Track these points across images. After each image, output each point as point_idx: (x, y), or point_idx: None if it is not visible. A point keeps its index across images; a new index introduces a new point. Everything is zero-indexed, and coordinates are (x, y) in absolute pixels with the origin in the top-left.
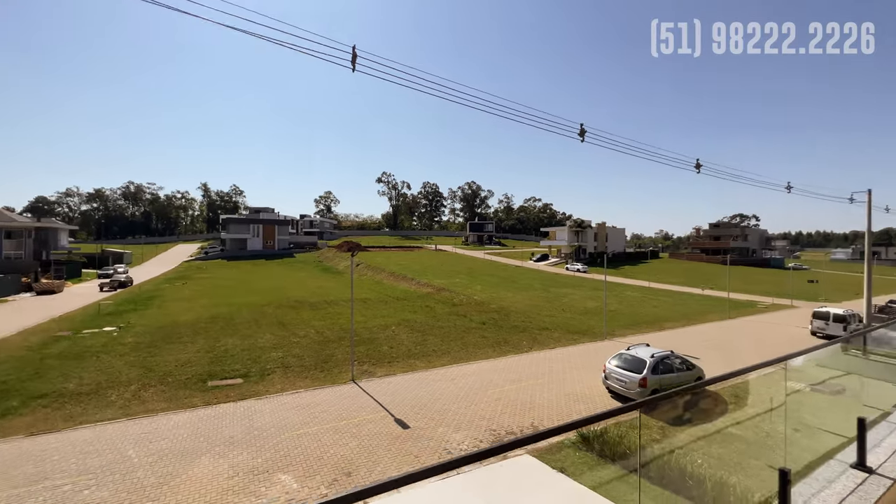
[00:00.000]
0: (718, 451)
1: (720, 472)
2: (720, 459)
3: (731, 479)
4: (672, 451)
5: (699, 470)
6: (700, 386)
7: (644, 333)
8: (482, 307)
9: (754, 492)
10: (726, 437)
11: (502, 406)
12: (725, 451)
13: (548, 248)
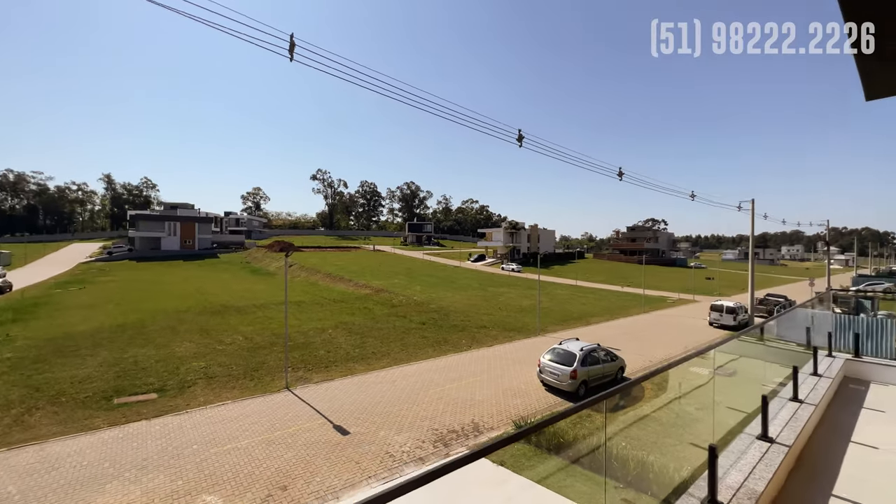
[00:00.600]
0: (638, 433)
1: (641, 452)
2: (640, 440)
3: (649, 458)
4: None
5: (623, 452)
6: (643, 380)
7: (573, 328)
8: (422, 307)
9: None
10: (644, 421)
11: (444, 405)
12: (644, 433)
13: (485, 248)
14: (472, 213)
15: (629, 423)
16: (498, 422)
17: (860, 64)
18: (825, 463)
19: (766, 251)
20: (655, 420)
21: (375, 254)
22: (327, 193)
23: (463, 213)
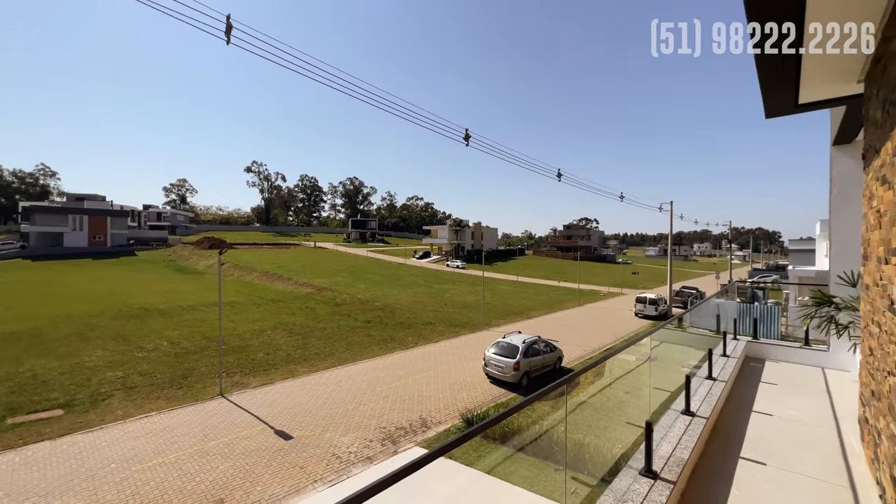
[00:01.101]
0: (575, 418)
1: (578, 435)
2: (577, 425)
3: (586, 440)
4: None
5: (562, 437)
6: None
7: (515, 322)
8: (367, 305)
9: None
10: (581, 407)
11: (391, 403)
12: (580, 417)
13: (430, 245)
14: (417, 211)
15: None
16: (446, 416)
17: (762, 88)
18: (733, 430)
19: (682, 248)
20: (590, 405)
21: (317, 251)
22: (263, 187)
23: (408, 210)
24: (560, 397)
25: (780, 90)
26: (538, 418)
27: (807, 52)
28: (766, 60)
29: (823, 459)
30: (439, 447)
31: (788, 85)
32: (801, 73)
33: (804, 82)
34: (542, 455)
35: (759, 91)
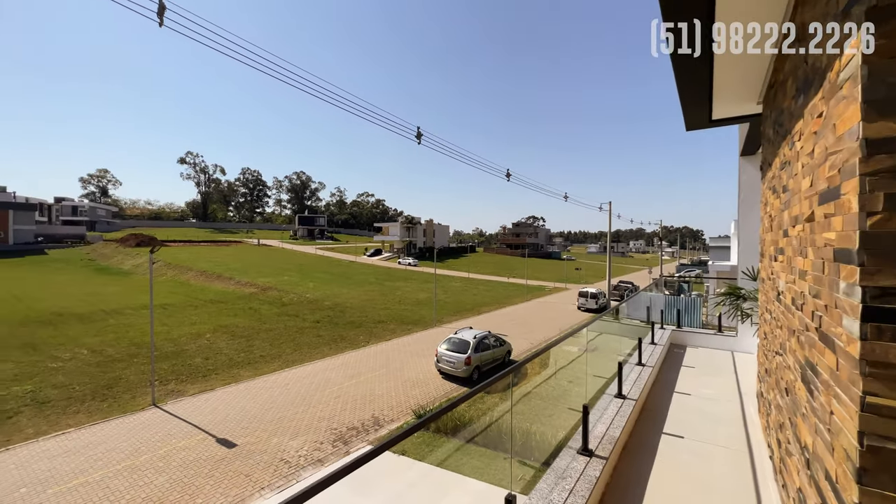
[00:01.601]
0: (523, 408)
1: (525, 424)
2: (524, 415)
3: (532, 428)
4: (493, 415)
5: (510, 426)
6: (526, 362)
7: (467, 318)
8: (316, 305)
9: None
10: (528, 397)
11: (342, 403)
12: (527, 407)
13: (381, 243)
14: (367, 207)
15: (516, 400)
16: (398, 413)
17: (682, 104)
18: (659, 409)
19: (619, 245)
20: (537, 395)
21: (261, 248)
22: (200, 180)
23: (358, 206)
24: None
25: (697, 106)
26: (487, 409)
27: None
28: (683, 79)
29: (730, 430)
30: (385, 442)
31: (703, 102)
32: (713, 91)
33: (716, 101)
34: (492, 445)
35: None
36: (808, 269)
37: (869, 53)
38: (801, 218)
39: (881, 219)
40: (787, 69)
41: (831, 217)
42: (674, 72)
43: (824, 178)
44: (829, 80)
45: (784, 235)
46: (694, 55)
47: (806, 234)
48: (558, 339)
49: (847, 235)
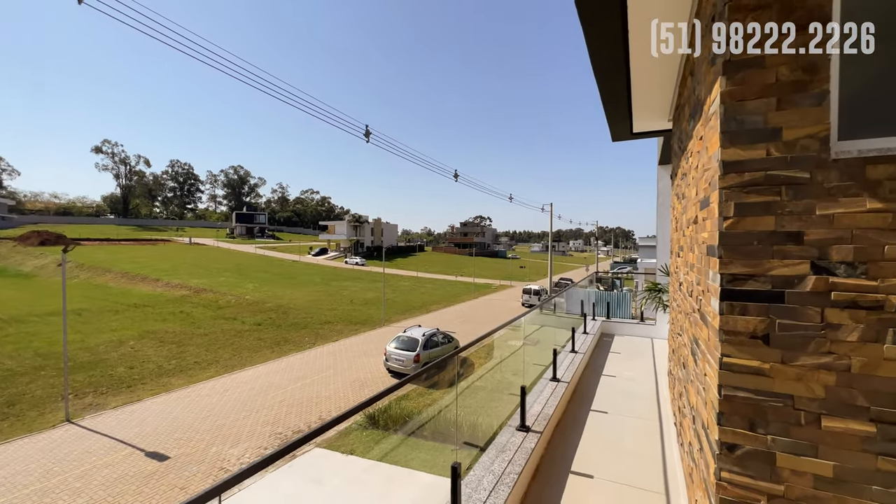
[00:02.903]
0: (469, 401)
1: (472, 416)
2: (470, 407)
3: (478, 420)
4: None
5: (458, 419)
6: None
7: (416, 317)
8: (256, 307)
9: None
10: (473, 390)
11: (287, 407)
12: (473, 400)
13: (327, 242)
14: (312, 205)
15: (461, 392)
16: None
17: (608, 118)
18: (588, 390)
19: (560, 244)
20: (482, 388)
21: (193, 248)
22: (119, 172)
23: (302, 204)
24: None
25: (620, 120)
26: (433, 403)
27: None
28: (608, 95)
29: (646, 405)
30: (313, 430)
31: (625, 117)
32: (632, 109)
33: (635, 117)
34: (441, 438)
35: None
36: (694, 262)
37: (725, 95)
38: (691, 220)
39: (732, 222)
40: (686, 96)
41: (706, 220)
42: (599, 93)
43: (703, 189)
44: (705, 112)
45: (683, 235)
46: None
47: (694, 234)
48: (497, 328)
49: (713, 235)
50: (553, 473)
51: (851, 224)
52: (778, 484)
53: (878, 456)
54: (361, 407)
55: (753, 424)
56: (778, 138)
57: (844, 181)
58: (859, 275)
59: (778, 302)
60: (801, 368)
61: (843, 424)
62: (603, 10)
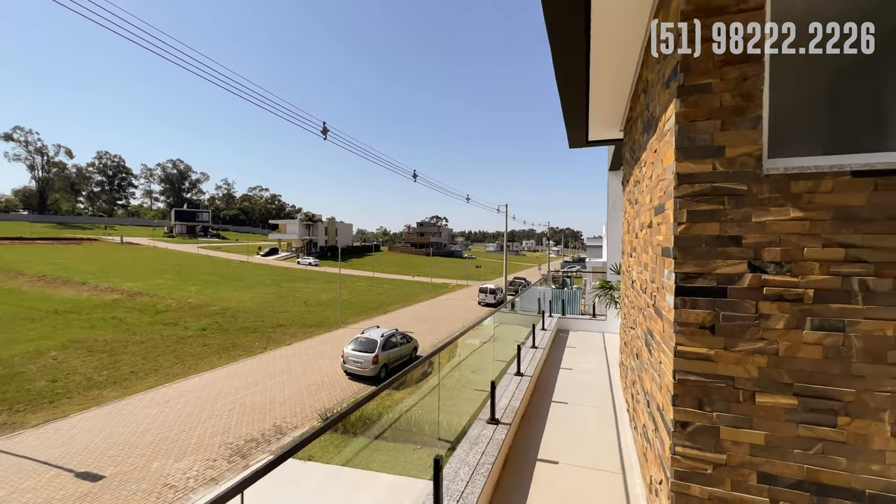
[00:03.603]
0: (431, 401)
1: (433, 414)
2: (432, 406)
3: (440, 417)
4: (400, 409)
5: (419, 419)
6: (428, 357)
7: (373, 318)
8: (201, 311)
9: (454, 421)
10: (435, 389)
11: (238, 415)
12: (434, 399)
13: (277, 241)
14: (261, 203)
15: (424, 394)
16: (303, 419)
17: (566, 126)
18: (548, 383)
19: (514, 244)
20: (444, 387)
21: (125, 248)
22: (35, 163)
23: (250, 201)
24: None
25: (577, 129)
26: (394, 405)
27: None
28: (568, 105)
29: (600, 395)
30: (286, 450)
31: (581, 126)
32: (589, 119)
33: (591, 126)
34: (401, 438)
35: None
36: (648, 262)
37: (680, 115)
38: (645, 224)
39: (685, 227)
40: (638, 111)
41: (660, 225)
42: (561, 104)
43: (657, 196)
44: (660, 129)
45: (636, 237)
46: (578, 89)
47: (648, 237)
48: (462, 332)
49: (668, 238)
50: (521, 462)
51: (779, 230)
52: (721, 454)
53: (798, 424)
54: (341, 417)
55: (702, 403)
56: (722, 155)
57: (773, 193)
58: (785, 272)
59: (722, 297)
60: (740, 353)
61: (772, 399)
62: (569, 28)
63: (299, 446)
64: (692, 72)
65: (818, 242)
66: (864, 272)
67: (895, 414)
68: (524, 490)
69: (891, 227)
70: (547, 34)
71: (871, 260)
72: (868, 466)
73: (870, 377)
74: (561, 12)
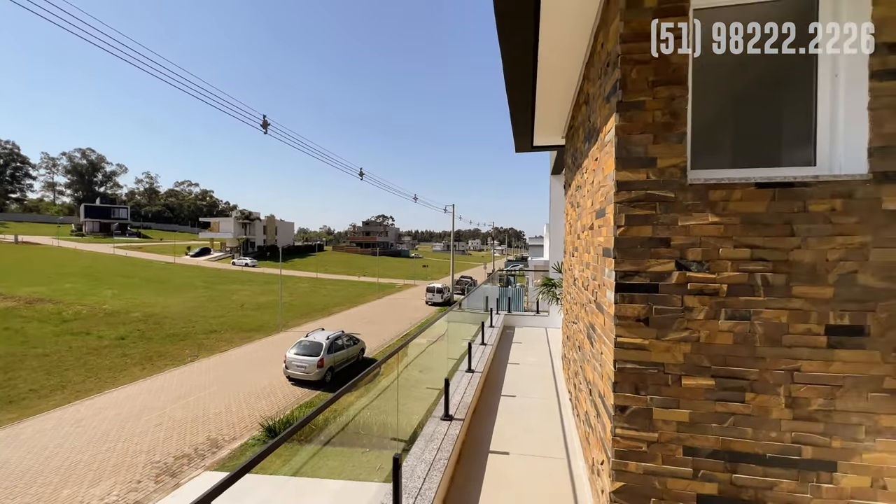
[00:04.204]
0: (379, 403)
1: (382, 416)
2: (380, 409)
3: (389, 419)
4: (348, 414)
5: (368, 421)
6: (383, 361)
7: (317, 320)
8: (118, 318)
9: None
10: (385, 392)
11: (166, 431)
12: (381, 401)
13: (210, 241)
14: (190, 199)
15: (373, 396)
16: (241, 430)
17: (514, 132)
18: (497, 378)
19: (460, 244)
20: (394, 388)
21: (21, 247)
22: None
23: (177, 197)
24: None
25: (523, 135)
26: (343, 409)
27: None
28: (516, 109)
29: (545, 386)
30: (242, 465)
31: (528, 132)
32: (535, 126)
33: (536, 132)
34: (350, 443)
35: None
36: (590, 261)
37: (619, 129)
38: (587, 226)
39: (623, 230)
40: (580, 120)
41: (602, 227)
42: (510, 112)
43: (598, 201)
44: (601, 139)
45: (577, 238)
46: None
47: (589, 238)
48: (419, 331)
49: (609, 239)
50: (475, 455)
51: (700, 233)
52: (654, 432)
53: (715, 402)
54: (306, 421)
55: (638, 388)
56: (654, 165)
57: (696, 201)
58: (705, 270)
59: (654, 292)
60: (669, 342)
61: (694, 381)
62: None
63: (259, 458)
64: (629, 90)
65: (730, 244)
66: (765, 269)
67: (789, 388)
68: (479, 481)
69: (785, 230)
70: (500, 49)
71: (769, 258)
72: (768, 434)
73: (769, 358)
74: (512, 34)
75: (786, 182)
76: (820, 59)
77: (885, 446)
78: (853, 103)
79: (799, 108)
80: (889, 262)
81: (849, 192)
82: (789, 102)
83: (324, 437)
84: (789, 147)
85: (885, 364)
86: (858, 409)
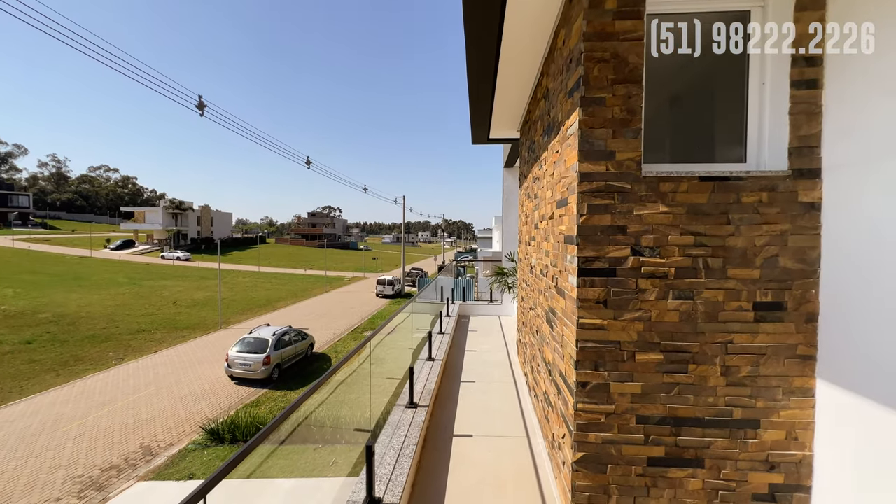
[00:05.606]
0: (331, 398)
1: (334, 411)
2: (331, 403)
3: (342, 413)
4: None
5: (320, 417)
6: (342, 364)
7: (261, 316)
8: (23, 320)
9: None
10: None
11: (89, 441)
12: (335, 396)
13: (134, 232)
14: (108, 186)
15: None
16: (180, 434)
17: (472, 124)
18: (456, 365)
19: (410, 235)
20: (345, 384)
21: None
22: None
23: (92, 183)
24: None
25: (481, 126)
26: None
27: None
28: (476, 100)
29: (501, 371)
30: (219, 470)
31: (485, 123)
32: (492, 118)
33: (493, 124)
34: (300, 440)
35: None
36: (550, 249)
37: (582, 123)
38: (546, 216)
39: (586, 218)
40: (537, 115)
41: (563, 216)
42: (470, 102)
43: (560, 191)
44: (562, 132)
45: (535, 228)
46: (485, 88)
47: (549, 227)
48: (377, 329)
49: (571, 227)
50: (440, 439)
51: (652, 221)
52: (611, 405)
53: (663, 374)
54: (281, 419)
55: (597, 365)
56: (613, 158)
57: (648, 192)
58: (656, 255)
59: (612, 276)
60: (625, 321)
61: (646, 357)
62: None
63: (233, 463)
64: (592, 86)
65: (678, 231)
66: (705, 254)
67: (724, 359)
68: (445, 464)
69: (722, 219)
70: (465, 39)
71: (709, 245)
72: (706, 399)
73: (708, 333)
74: (477, 29)
75: (723, 176)
76: (751, 67)
77: (797, 404)
78: (777, 108)
79: (734, 109)
80: (802, 247)
81: (772, 186)
82: (726, 104)
83: (274, 437)
84: (727, 144)
85: (798, 334)
86: (777, 374)
